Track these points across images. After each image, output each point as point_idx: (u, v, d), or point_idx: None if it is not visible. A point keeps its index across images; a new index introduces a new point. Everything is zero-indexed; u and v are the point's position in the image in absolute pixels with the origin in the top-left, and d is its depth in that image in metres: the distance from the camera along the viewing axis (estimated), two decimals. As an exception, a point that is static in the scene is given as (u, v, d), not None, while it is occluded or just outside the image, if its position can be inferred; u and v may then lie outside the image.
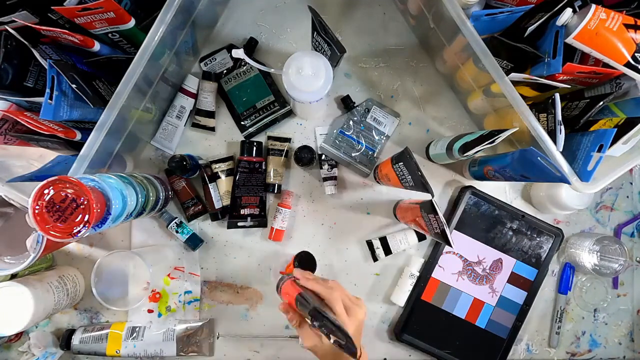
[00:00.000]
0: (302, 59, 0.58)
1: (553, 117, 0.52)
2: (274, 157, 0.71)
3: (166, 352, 0.68)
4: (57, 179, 0.43)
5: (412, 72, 0.74)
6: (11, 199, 0.53)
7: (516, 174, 0.55)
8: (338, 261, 0.73)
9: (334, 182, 0.72)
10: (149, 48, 0.50)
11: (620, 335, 0.76)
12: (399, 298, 0.71)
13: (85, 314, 0.72)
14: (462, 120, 0.74)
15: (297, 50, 0.58)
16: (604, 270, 0.71)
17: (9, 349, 0.70)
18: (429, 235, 0.55)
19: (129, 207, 0.52)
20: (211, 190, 0.70)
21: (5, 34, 0.50)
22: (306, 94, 0.58)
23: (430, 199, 0.56)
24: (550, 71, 0.51)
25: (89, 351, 0.67)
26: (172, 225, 0.69)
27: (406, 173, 0.55)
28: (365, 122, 0.72)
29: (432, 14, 0.60)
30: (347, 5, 0.74)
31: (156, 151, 0.72)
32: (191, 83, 0.70)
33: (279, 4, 0.74)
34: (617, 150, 0.51)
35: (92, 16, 0.49)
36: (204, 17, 0.65)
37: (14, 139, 0.57)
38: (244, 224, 0.69)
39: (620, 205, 0.77)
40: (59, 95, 0.49)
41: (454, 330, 0.72)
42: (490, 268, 0.72)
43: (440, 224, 0.53)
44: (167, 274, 0.71)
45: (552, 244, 0.73)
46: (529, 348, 0.75)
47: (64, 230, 0.43)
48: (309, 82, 0.58)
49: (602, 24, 0.46)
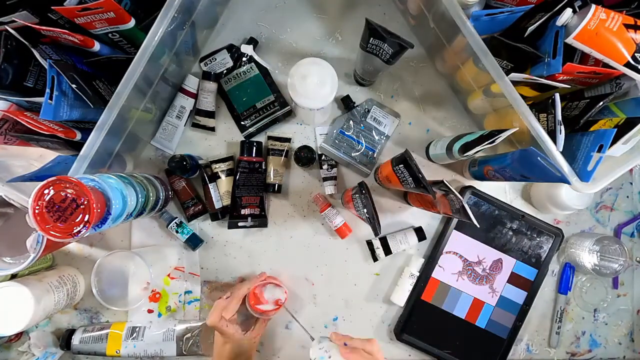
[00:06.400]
0: (308, 66, 0.58)
1: (553, 117, 0.51)
2: (274, 157, 0.71)
3: (166, 352, 0.68)
4: (57, 179, 0.43)
5: (412, 72, 0.74)
6: (11, 199, 0.53)
7: (516, 174, 0.55)
8: (338, 261, 0.73)
9: (334, 182, 0.72)
10: (149, 48, 0.50)
11: (620, 335, 0.77)
12: (399, 298, 0.71)
13: (85, 314, 0.72)
14: (462, 120, 0.74)
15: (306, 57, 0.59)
16: (604, 270, 0.71)
17: (9, 349, 0.70)
18: (449, 215, 0.56)
19: (129, 207, 0.52)
20: (211, 190, 0.70)
21: (5, 34, 0.50)
22: (310, 101, 0.58)
23: (442, 179, 0.58)
24: (550, 71, 0.51)
25: (89, 351, 0.67)
26: (172, 225, 0.69)
27: (407, 175, 0.55)
28: (365, 122, 0.72)
29: (432, 14, 0.60)
30: (347, 5, 0.74)
31: (156, 151, 0.72)
32: (191, 83, 0.70)
33: (279, 4, 0.74)
34: (617, 150, 0.50)
35: (92, 16, 0.49)
36: (204, 17, 0.65)
37: (14, 139, 0.57)
38: (244, 224, 0.69)
39: (620, 205, 0.77)
40: (59, 95, 0.49)
41: (454, 330, 0.72)
42: (490, 268, 0.72)
43: (459, 201, 0.54)
44: (167, 274, 0.71)
45: (552, 244, 0.73)
46: (529, 348, 0.75)
47: (64, 230, 0.43)
48: (314, 90, 0.58)
49: (602, 24, 0.46)
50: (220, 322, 0.61)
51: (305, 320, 0.73)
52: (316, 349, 0.51)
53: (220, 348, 0.63)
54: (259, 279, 0.68)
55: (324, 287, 0.73)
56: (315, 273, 0.73)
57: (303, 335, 0.72)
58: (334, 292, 0.73)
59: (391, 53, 0.57)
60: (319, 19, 0.74)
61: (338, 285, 0.73)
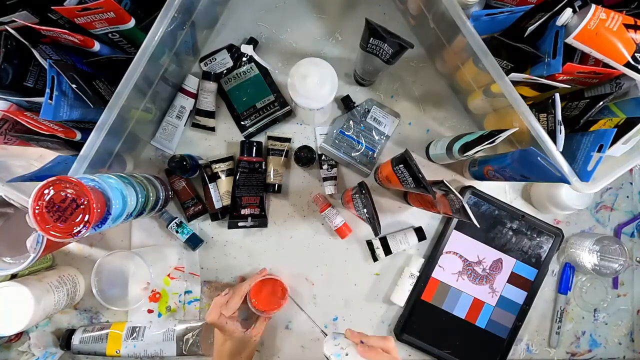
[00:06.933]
0: (308, 66, 0.58)
1: (553, 117, 0.51)
2: (274, 157, 0.71)
3: (166, 352, 0.68)
4: (57, 179, 0.43)
5: (412, 72, 0.74)
6: (11, 199, 0.53)
7: (516, 174, 0.55)
8: (338, 261, 0.73)
9: (334, 182, 0.72)
10: (149, 48, 0.50)
11: (620, 335, 0.76)
12: (399, 298, 0.71)
13: (85, 314, 0.72)
14: (462, 120, 0.74)
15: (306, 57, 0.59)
16: (604, 270, 0.71)
17: (9, 349, 0.70)
18: (449, 215, 0.56)
19: (129, 207, 0.52)
20: (211, 190, 0.70)
21: (5, 34, 0.50)
22: (310, 101, 0.58)
23: (441, 178, 0.58)
24: (550, 71, 0.51)
25: (89, 351, 0.67)
26: (172, 225, 0.69)
27: (407, 175, 0.55)
28: (365, 122, 0.72)
29: (432, 14, 0.60)
30: (347, 5, 0.74)
31: (156, 151, 0.72)
32: (191, 83, 0.70)
33: (279, 4, 0.74)
34: (617, 150, 0.50)
35: (92, 16, 0.49)
36: (204, 17, 0.65)
37: (14, 139, 0.57)
38: (245, 224, 0.69)
39: (620, 205, 0.77)
40: (59, 95, 0.49)
41: (454, 330, 0.72)
42: (490, 268, 0.72)
43: (459, 201, 0.54)
44: (167, 274, 0.71)
45: (552, 244, 0.73)
46: (529, 348, 0.75)
47: (64, 230, 0.43)
48: (314, 90, 0.58)
49: (602, 24, 0.46)
50: (220, 319, 0.61)
51: (305, 320, 0.73)
52: (331, 345, 0.49)
53: (220, 347, 0.63)
54: (260, 274, 0.69)
55: (324, 287, 0.73)
56: (315, 273, 0.73)
57: (303, 335, 0.73)
58: (334, 292, 0.73)
59: (391, 53, 0.57)
60: (319, 19, 0.74)
61: (338, 285, 0.73)
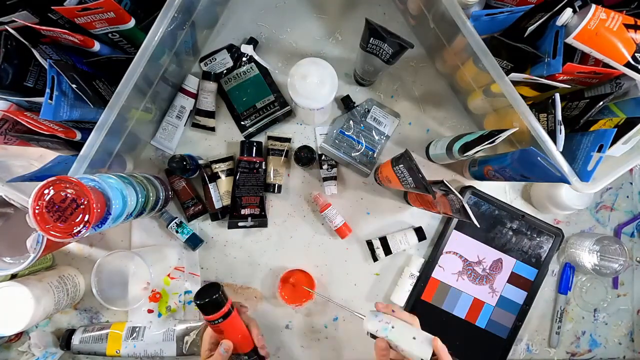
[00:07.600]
0: (308, 66, 0.58)
1: (553, 117, 0.51)
2: (274, 157, 0.71)
3: (166, 352, 0.68)
4: (57, 179, 0.43)
5: (412, 72, 0.74)
6: (11, 199, 0.53)
7: (516, 174, 0.55)
8: (338, 261, 0.73)
9: (334, 182, 0.72)
10: (149, 48, 0.50)
11: (620, 335, 0.77)
12: (399, 298, 0.71)
13: (85, 314, 0.72)
14: (462, 120, 0.74)
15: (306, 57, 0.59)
16: (604, 270, 0.71)
17: (9, 349, 0.70)
18: (449, 215, 0.56)
19: (129, 207, 0.52)
20: (211, 190, 0.70)
21: (5, 34, 0.50)
22: (310, 101, 0.59)
23: (441, 178, 0.58)
24: (550, 71, 0.51)
25: (89, 351, 0.67)
26: (172, 225, 0.69)
27: (407, 175, 0.55)
28: (365, 122, 0.72)
29: (432, 14, 0.60)
30: (347, 5, 0.74)
31: (156, 151, 0.72)
32: (191, 83, 0.70)
33: (279, 4, 0.74)
34: (617, 150, 0.50)
35: (92, 16, 0.49)
36: (204, 17, 0.65)
37: (14, 139, 0.57)
38: (245, 224, 0.69)
39: (620, 205, 0.77)
40: (59, 95, 0.49)
41: (454, 330, 0.72)
42: (490, 268, 0.72)
43: (459, 201, 0.54)
44: (167, 274, 0.71)
45: (552, 244, 0.73)
46: (529, 348, 0.75)
47: (64, 230, 0.43)
48: (314, 90, 0.58)
49: (602, 24, 0.46)
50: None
51: (305, 320, 0.73)
52: (375, 322, 0.49)
53: None
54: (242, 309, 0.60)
55: (324, 287, 0.73)
56: (315, 273, 0.73)
57: (303, 335, 0.73)
58: (334, 292, 0.73)
59: (391, 53, 0.57)
60: (319, 19, 0.74)
61: (338, 285, 0.73)
